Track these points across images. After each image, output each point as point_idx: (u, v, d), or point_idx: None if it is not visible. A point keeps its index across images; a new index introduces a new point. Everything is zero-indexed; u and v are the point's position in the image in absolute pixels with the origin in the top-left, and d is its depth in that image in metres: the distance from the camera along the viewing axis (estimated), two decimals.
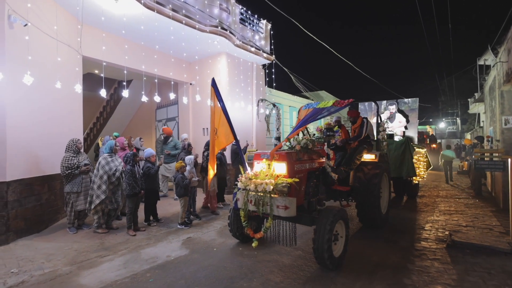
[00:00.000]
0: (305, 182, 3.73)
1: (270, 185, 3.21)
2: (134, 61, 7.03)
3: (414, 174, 6.53)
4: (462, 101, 26.20)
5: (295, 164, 3.55)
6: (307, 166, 3.78)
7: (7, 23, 4.19)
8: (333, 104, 4.22)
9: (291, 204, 3.15)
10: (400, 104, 10.67)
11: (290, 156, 3.56)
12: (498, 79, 7.49)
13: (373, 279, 3.09)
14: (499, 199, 6.54)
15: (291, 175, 3.43)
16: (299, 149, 3.71)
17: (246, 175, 3.54)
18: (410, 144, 6.67)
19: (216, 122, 3.95)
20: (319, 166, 4.01)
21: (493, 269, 3.29)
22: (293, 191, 3.34)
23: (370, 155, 4.91)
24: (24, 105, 4.51)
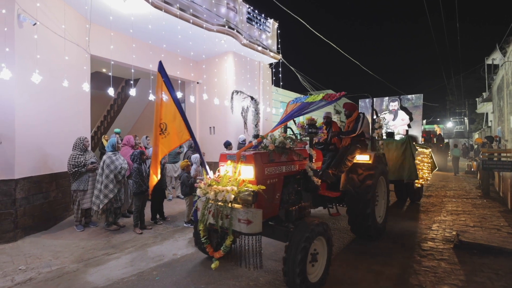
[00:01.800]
0: (281, 188, 3.15)
1: (231, 193, 2.65)
2: (142, 60, 7.10)
3: (416, 177, 5.91)
4: (470, 101, 25.87)
5: (265, 167, 2.93)
6: (283, 169, 3.15)
7: (17, 22, 4.26)
8: (322, 97, 3.87)
9: (255, 218, 2.58)
10: (403, 101, 9.93)
11: (259, 157, 2.92)
12: (507, 79, 7.37)
13: (379, 279, 3.08)
14: (507, 199, 6.45)
15: (260, 180, 2.83)
16: (272, 149, 3.06)
17: (205, 181, 2.96)
18: (411, 144, 6.07)
19: (163, 116, 3.25)
20: (300, 169, 3.41)
21: (500, 270, 3.26)
22: (261, 200, 2.75)
23: (363, 156, 4.24)
24: (33, 104, 4.57)
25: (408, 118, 9.46)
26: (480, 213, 5.86)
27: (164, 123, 3.26)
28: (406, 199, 7.03)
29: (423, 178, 6.99)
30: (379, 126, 4.58)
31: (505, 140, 7.79)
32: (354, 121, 4.45)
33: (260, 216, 2.65)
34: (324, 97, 3.86)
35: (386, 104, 9.98)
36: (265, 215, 2.83)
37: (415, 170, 5.89)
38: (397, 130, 9.30)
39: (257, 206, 2.72)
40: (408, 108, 9.69)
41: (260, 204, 2.77)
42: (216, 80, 8.72)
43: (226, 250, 2.84)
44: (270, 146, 3.10)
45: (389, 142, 6.16)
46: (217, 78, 8.71)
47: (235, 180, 2.82)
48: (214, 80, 8.74)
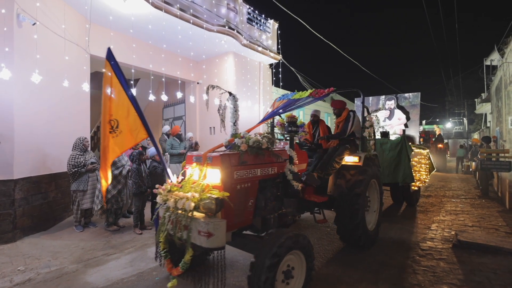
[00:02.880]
0: (255, 193, 2.83)
1: (190, 201, 2.34)
2: (142, 60, 7.10)
3: (411, 179, 5.52)
4: (469, 101, 25.99)
5: (235, 171, 2.59)
6: (258, 172, 2.82)
7: (16, 22, 4.26)
8: (310, 94, 3.65)
9: (217, 230, 2.22)
10: (400, 100, 9.50)
11: (227, 159, 2.57)
12: (505, 80, 7.41)
13: (378, 279, 3.09)
14: (505, 199, 6.48)
15: (228, 185, 2.52)
16: (245, 150, 2.71)
17: (166, 186, 2.64)
18: (407, 144, 5.70)
19: (114, 112, 2.80)
20: (279, 172, 3.09)
21: (499, 269, 3.27)
22: (229, 208, 2.45)
23: (353, 158, 3.89)
24: (32, 104, 4.57)
25: (404, 118, 9.10)
26: (479, 213, 5.88)
27: (115, 120, 2.80)
28: (402, 203, 6.70)
29: (420, 180, 6.65)
30: (370, 124, 4.13)
31: (503, 140, 7.83)
32: (344, 120, 4.13)
33: (224, 227, 2.29)
34: (311, 93, 3.66)
35: (383, 103, 9.61)
36: (234, 225, 2.58)
37: (411, 173, 5.55)
38: (393, 130, 9.02)
39: (224, 215, 2.43)
40: (405, 107, 9.32)
41: (228, 212, 2.46)
42: (216, 80, 8.73)
43: (185, 267, 2.42)
44: (242, 146, 2.73)
45: (383, 142, 5.83)
46: (217, 78, 8.72)
47: (198, 185, 2.49)
48: (214, 81, 8.74)
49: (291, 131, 3.23)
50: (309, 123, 4.59)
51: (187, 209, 2.33)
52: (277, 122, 3.88)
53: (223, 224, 2.31)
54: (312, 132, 4.56)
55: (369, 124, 4.11)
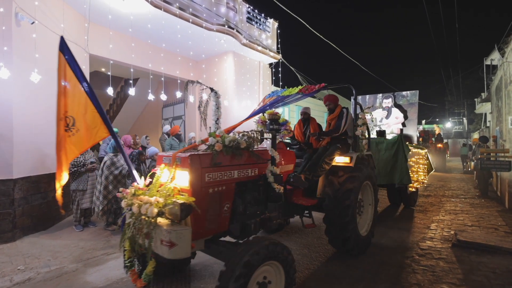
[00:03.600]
0: (232, 197, 2.60)
1: (153, 206, 2.14)
2: (141, 60, 7.09)
3: (408, 181, 5.28)
4: (468, 101, 26.01)
5: (206, 173, 2.37)
6: (234, 174, 2.60)
7: (15, 21, 4.25)
8: (299, 90, 3.53)
9: (180, 239, 2.03)
10: (397, 98, 9.19)
11: (197, 160, 2.34)
12: (505, 79, 7.41)
13: (378, 278, 3.09)
14: (504, 199, 6.49)
15: (197, 188, 2.30)
16: (219, 150, 2.50)
17: (130, 189, 2.44)
18: (404, 144, 5.44)
19: (70, 108, 2.53)
20: (260, 173, 2.86)
21: (498, 269, 3.28)
22: (199, 215, 2.25)
23: (344, 158, 3.62)
24: (31, 103, 4.56)
25: (402, 117, 8.83)
26: (478, 213, 5.89)
27: (70, 117, 2.53)
28: (399, 204, 6.54)
29: (418, 181, 6.44)
30: (363, 122, 3.82)
31: (503, 140, 7.83)
32: (337, 117, 3.84)
33: (188, 236, 2.08)
34: (301, 89, 3.54)
35: (380, 101, 9.33)
36: (207, 232, 2.39)
37: (408, 174, 5.30)
38: (390, 129, 8.82)
39: (193, 221, 2.25)
40: (403, 105, 9.03)
41: (198, 218, 2.27)
42: (216, 79, 8.72)
43: (148, 279, 2.23)
44: (217, 146, 2.50)
45: (379, 142, 5.60)
46: (216, 77, 8.71)
47: (166, 188, 2.28)
48: (213, 80, 8.74)
49: (272, 129, 2.94)
50: (299, 121, 4.33)
51: (149, 215, 2.13)
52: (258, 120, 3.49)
53: (187, 232, 2.08)
54: (303, 130, 4.27)
55: (362, 122, 3.81)
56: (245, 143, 2.70)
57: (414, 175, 6.07)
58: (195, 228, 2.26)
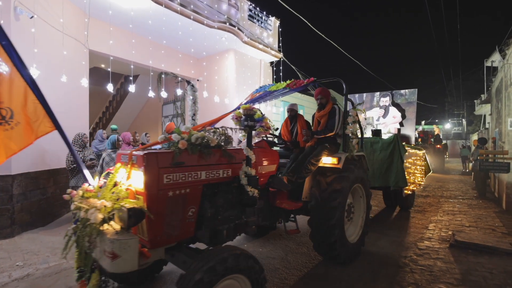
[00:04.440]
0: (198, 200, 2.34)
1: (98, 212, 1.92)
2: (141, 56, 7.06)
3: (404, 183, 4.99)
4: (468, 102, 26.05)
5: (165, 173, 2.09)
6: (202, 175, 2.33)
7: (13, 15, 4.21)
8: (286, 85, 3.37)
9: (124, 250, 1.80)
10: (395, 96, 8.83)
11: (153, 159, 2.06)
12: (505, 81, 7.41)
13: (376, 278, 3.10)
14: (502, 200, 6.52)
15: (154, 191, 2.04)
16: (183, 148, 2.22)
17: (79, 191, 2.16)
18: (400, 144, 5.13)
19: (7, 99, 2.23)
20: (234, 174, 2.59)
21: (495, 269, 3.30)
22: (156, 221, 2.03)
23: (331, 159, 3.34)
24: None
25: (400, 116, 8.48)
26: (476, 214, 5.91)
27: (7, 109, 2.20)
28: (395, 207, 6.31)
29: (414, 183, 6.17)
30: (353, 120, 3.50)
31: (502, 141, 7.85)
32: (328, 115, 3.53)
33: (135, 247, 1.85)
34: (289, 84, 3.36)
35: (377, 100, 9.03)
36: (167, 240, 2.14)
37: (404, 176, 5.01)
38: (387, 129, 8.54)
39: (149, 228, 2.02)
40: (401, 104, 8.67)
41: (156, 225, 2.03)
42: (216, 77, 8.70)
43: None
44: (180, 143, 2.22)
45: (374, 142, 5.29)
46: (217, 75, 8.69)
47: (117, 190, 2.05)
48: (214, 78, 8.72)
49: (247, 125, 2.63)
50: (286, 119, 4.06)
51: (93, 221, 1.89)
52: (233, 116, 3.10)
53: (133, 242, 1.84)
54: (290, 129, 3.98)
55: (352, 120, 3.49)
56: (216, 141, 2.43)
57: (411, 177, 5.86)
58: (152, 235, 2.03)
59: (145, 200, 2.02)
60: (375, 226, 5.01)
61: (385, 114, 8.83)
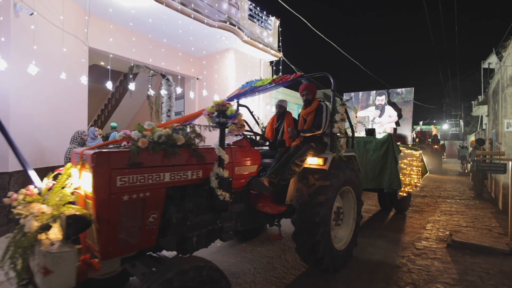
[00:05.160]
0: (161, 205, 2.10)
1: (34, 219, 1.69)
2: (141, 54, 7.05)
3: (398, 185, 4.76)
4: (465, 104, 26.22)
5: (119, 175, 1.85)
6: (165, 177, 2.09)
7: (13, 11, 4.20)
8: (272, 80, 3.27)
9: (57, 265, 1.55)
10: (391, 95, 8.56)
11: (104, 158, 1.82)
12: (502, 83, 7.47)
13: (374, 277, 3.13)
14: (499, 200, 6.58)
15: (104, 195, 1.80)
16: (143, 146, 2.00)
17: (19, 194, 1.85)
18: (394, 144, 4.88)
19: None
20: (205, 176, 2.36)
21: (491, 269, 3.34)
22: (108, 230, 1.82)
23: (317, 159, 3.09)
24: (29, 95, 4.52)
25: (396, 115, 8.28)
26: (473, 214, 5.97)
27: None
28: (391, 209, 6.11)
29: (410, 184, 5.94)
30: (340, 118, 3.21)
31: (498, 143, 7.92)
32: (314, 112, 3.31)
33: (71, 261, 1.60)
34: (275, 79, 3.25)
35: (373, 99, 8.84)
36: (122, 249, 1.91)
37: (398, 177, 4.77)
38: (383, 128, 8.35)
39: (99, 236, 1.80)
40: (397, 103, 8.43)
41: (107, 233, 1.81)
42: (216, 76, 8.70)
43: None
44: (140, 141, 2.00)
45: (368, 141, 5.04)
46: (217, 74, 8.69)
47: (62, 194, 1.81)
48: (214, 77, 8.72)
49: (219, 122, 2.41)
50: (274, 116, 3.86)
51: (27, 229, 1.67)
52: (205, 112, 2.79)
53: (69, 256, 1.59)
54: (276, 126, 3.76)
55: (339, 117, 3.20)
56: (184, 139, 2.17)
57: (406, 179, 5.63)
58: (103, 245, 1.80)
59: (94, 205, 1.77)
60: (373, 226, 5.05)
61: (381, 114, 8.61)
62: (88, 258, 1.79)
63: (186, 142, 2.20)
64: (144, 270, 2.00)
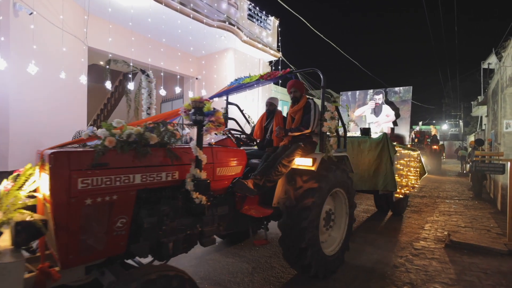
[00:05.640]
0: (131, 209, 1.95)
1: None
2: (141, 54, 7.05)
3: (393, 187, 4.57)
4: (465, 104, 26.25)
5: (81, 177, 1.71)
6: (136, 179, 1.95)
7: (13, 11, 4.20)
8: (260, 77, 3.18)
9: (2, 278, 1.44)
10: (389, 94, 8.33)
11: (63, 159, 1.68)
12: (501, 83, 7.48)
13: (371, 277, 3.13)
14: (497, 201, 6.59)
15: (63, 198, 1.66)
16: (110, 146, 1.86)
17: None
18: (390, 144, 4.67)
19: None
20: (182, 178, 2.21)
21: (489, 269, 3.34)
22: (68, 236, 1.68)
23: (305, 160, 2.90)
24: (28, 95, 4.53)
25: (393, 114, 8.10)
26: (471, 214, 5.98)
27: None
28: (387, 211, 5.92)
29: (407, 186, 5.73)
30: (330, 116, 3.02)
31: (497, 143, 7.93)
32: (303, 110, 3.15)
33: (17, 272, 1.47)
34: (263, 76, 3.14)
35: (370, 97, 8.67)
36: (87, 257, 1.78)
37: (393, 179, 4.57)
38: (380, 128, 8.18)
39: (58, 243, 1.65)
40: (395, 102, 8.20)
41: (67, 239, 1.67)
42: (215, 76, 8.71)
43: None
44: (107, 140, 1.87)
45: (362, 141, 4.85)
46: (216, 74, 8.70)
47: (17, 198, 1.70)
48: (213, 76, 8.72)
49: (195, 120, 2.22)
50: (263, 114, 3.73)
51: None
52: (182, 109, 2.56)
53: (14, 267, 1.45)
54: (265, 125, 3.61)
55: (329, 115, 3.00)
56: (157, 138, 2.03)
57: (403, 180, 5.41)
58: (62, 253, 1.66)
59: (52, 209, 1.62)
60: (371, 226, 5.05)
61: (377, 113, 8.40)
62: (47, 267, 1.63)
63: (160, 141, 2.06)
64: (112, 279, 1.86)
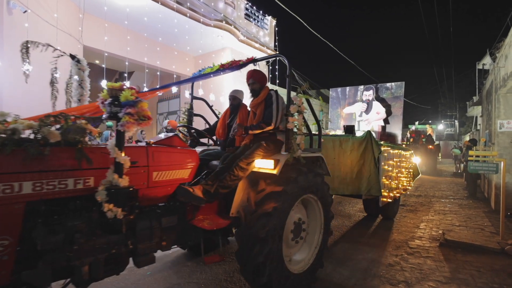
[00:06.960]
0: (17, 227, 1.58)
1: None
2: (137, 53, 7.02)
3: (377, 191, 4.12)
4: (461, 104, 26.51)
5: None
6: (23, 187, 1.56)
7: (6, 8, 4.16)
8: (221, 66, 2.93)
9: None
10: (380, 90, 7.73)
11: None
12: (495, 84, 7.57)
13: (367, 276, 3.16)
14: (491, 200, 6.67)
15: None
16: None
17: None
18: (374, 142, 4.18)
19: None
20: (95, 185, 1.82)
21: (482, 268, 3.39)
22: None
23: (266, 162, 2.49)
24: (22, 94, 4.48)
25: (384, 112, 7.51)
26: (466, 213, 6.04)
27: None
28: (377, 215, 5.48)
29: (398, 188, 5.25)
30: (296, 110, 2.55)
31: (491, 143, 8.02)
32: (264, 103, 2.77)
33: None
34: (224, 65, 2.87)
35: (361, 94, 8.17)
36: None
37: (377, 182, 4.10)
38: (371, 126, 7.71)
39: None
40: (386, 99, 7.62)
41: None
42: (212, 75, 8.69)
43: None
44: None
45: (344, 140, 4.32)
46: (213, 73, 8.68)
47: None
48: (210, 76, 8.71)
49: (111, 112, 1.79)
50: (226, 109, 3.32)
51: None
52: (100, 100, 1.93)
53: None
54: (228, 122, 3.18)
55: (295, 109, 2.53)
56: (59, 135, 1.65)
57: (392, 182, 4.92)
58: None
59: None
60: (367, 225, 5.08)
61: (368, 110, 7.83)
62: None
63: (65, 139, 1.67)
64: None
